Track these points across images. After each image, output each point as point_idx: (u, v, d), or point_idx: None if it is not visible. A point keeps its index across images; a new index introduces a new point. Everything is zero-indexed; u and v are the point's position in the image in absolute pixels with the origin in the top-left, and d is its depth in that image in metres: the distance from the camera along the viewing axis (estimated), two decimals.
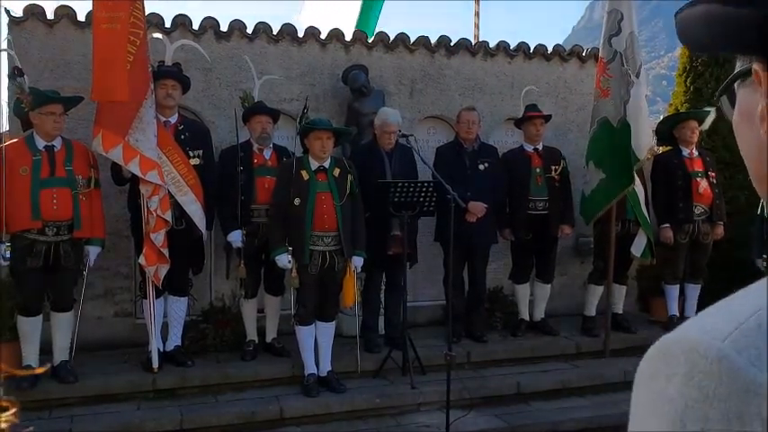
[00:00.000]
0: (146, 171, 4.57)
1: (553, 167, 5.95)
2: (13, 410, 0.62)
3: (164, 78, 4.86)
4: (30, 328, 4.56)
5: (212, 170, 5.10)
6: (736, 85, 0.69)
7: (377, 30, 6.50)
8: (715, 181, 6.21)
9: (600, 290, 6.13)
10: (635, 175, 5.60)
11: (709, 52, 0.68)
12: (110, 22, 4.44)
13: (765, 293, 0.60)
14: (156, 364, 4.79)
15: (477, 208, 5.50)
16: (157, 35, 5.12)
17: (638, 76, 5.53)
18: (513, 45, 6.78)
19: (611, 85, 5.66)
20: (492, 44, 6.70)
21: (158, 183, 4.61)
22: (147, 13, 4.84)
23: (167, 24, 5.58)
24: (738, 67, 0.68)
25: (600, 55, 5.88)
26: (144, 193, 4.64)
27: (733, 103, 0.70)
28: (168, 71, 4.95)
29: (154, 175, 4.59)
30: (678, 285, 6.38)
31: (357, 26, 6.97)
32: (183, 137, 4.94)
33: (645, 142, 5.61)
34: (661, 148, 6.65)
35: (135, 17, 4.51)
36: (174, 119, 4.99)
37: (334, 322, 4.97)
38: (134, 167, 4.56)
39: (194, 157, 4.94)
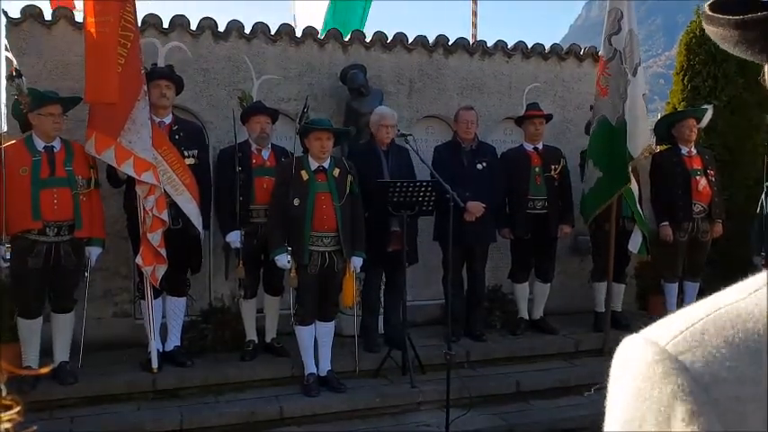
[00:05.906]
0: (140, 172, 4.57)
1: (553, 167, 5.94)
2: (17, 409, 0.62)
3: (157, 79, 4.86)
4: (29, 330, 4.55)
5: (207, 170, 5.10)
6: None
7: (374, 31, 6.45)
8: (714, 179, 6.20)
9: (604, 285, 6.13)
10: (630, 174, 5.61)
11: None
12: (99, 26, 4.43)
13: (728, 294, 0.60)
14: (155, 365, 4.79)
15: (476, 208, 5.50)
16: (150, 38, 5.12)
17: (634, 74, 5.54)
18: (510, 44, 6.78)
19: (610, 84, 5.68)
20: (490, 43, 6.70)
21: (154, 183, 4.61)
22: (144, 15, 4.83)
23: (165, 25, 5.58)
24: None
25: (600, 54, 5.91)
26: (140, 194, 4.64)
27: None
28: (161, 71, 4.95)
29: (149, 175, 4.59)
30: (677, 283, 6.39)
31: (333, 25, 6.80)
32: (177, 137, 4.94)
33: (641, 141, 5.62)
34: (659, 146, 6.66)
35: (125, 20, 4.50)
36: (168, 119, 4.99)
37: (333, 322, 4.97)
38: (128, 169, 4.56)
39: (189, 156, 4.95)
